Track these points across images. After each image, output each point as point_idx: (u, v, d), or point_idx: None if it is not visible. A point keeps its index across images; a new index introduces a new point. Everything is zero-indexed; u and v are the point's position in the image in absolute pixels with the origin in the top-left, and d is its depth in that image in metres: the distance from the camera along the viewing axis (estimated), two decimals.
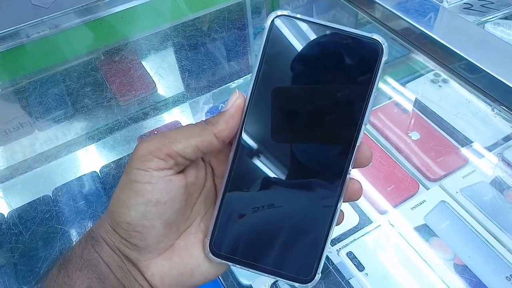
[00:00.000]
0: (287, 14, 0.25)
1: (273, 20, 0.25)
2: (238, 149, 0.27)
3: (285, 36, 0.26)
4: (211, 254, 0.27)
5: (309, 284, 0.27)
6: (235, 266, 0.27)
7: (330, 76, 0.26)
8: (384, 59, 0.25)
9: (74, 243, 0.28)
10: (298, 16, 0.25)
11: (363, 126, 0.26)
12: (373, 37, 0.25)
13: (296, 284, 0.27)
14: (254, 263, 0.27)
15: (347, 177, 0.26)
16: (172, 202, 0.26)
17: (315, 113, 0.26)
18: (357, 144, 0.26)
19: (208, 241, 0.27)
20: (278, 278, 0.27)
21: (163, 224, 0.26)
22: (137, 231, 0.26)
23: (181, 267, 0.27)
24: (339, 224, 0.28)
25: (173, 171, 0.26)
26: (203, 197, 0.29)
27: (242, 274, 0.46)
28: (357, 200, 0.28)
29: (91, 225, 0.51)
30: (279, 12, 0.25)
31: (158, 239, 0.26)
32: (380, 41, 0.25)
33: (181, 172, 0.27)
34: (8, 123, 0.67)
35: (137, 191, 0.25)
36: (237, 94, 0.27)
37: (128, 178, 0.26)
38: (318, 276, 0.27)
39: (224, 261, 0.27)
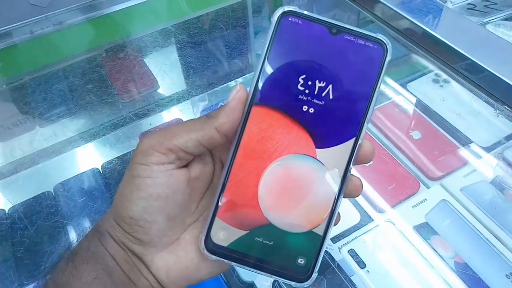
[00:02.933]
0: (294, 10, 0.25)
1: (280, 15, 0.25)
2: (239, 143, 0.26)
3: (291, 32, 0.26)
4: (205, 251, 0.26)
5: (305, 283, 0.26)
6: (231, 263, 0.26)
7: (334, 74, 0.26)
8: (388, 59, 0.25)
9: (81, 237, 0.28)
10: (305, 12, 0.25)
11: (365, 124, 0.26)
12: (378, 37, 0.25)
13: (293, 283, 0.26)
14: (250, 260, 0.26)
15: (348, 174, 0.26)
16: (174, 196, 0.26)
17: (318, 109, 0.26)
18: (358, 142, 0.26)
19: (204, 236, 0.26)
20: (274, 277, 0.26)
21: (165, 218, 0.26)
22: (139, 226, 0.26)
23: (187, 261, 0.27)
24: (336, 225, 0.27)
25: (174, 166, 0.26)
26: (210, 192, 0.29)
27: (245, 271, 0.46)
28: (357, 196, 0.28)
29: (92, 222, 0.52)
30: (286, 8, 0.25)
31: (161, 233, 0.27)
32: (385, 41, 0.25)
33: (184, 166, 0.27)
34: (9, 119, 0.67)
35: (138, 185, 0.26)
36: (238, 87, 0.26)
37: (130, 173, 0.26)
38: (315, 275, 0.26)
39: (220, 259, 0.26)
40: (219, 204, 0.26)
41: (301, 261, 0.26)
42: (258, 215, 0.26)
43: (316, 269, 0.26)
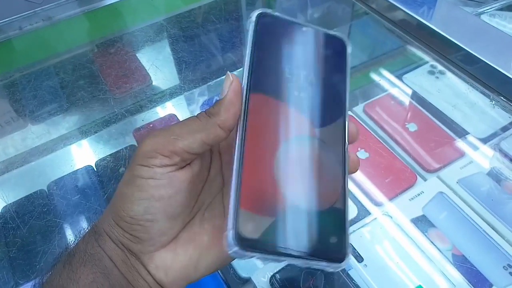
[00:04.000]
0: (268, 12, 0.28)
1: (257, 15, 0.28)
2: (245, 133, 0.25)
3: (271, 29, 0.28)
4: (237, 248, 0.23)
5: (343, 263, 0.25)
6: (265, 257, 0.24)
7: (314, 62, 0.29)
8: (349, 51, 0.30)
9: (78, 238, 0.28)
10: (278, 14, 0.29)
11: (347, 103, 0.29)
12: (337, 34, 0.30)
13: (332, 265, 0.24)
14: (283, 250, 0.24)
15: (347, 150, 0.28)
16: (176, 196, 0.26)
17: (309, 93, 0.28)
18: (347, 120, 0.28)
19: (232, 233, 0.23)
20: (310, 263, 0.24)
21: (166, 217, 0.26)
22: (140, 225, 0.25)
23: (185, 259, 0.27)
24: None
25: (177, 167, 0.26)
26: (208, 186, 0.29)
27: (242, 267, 0.46)
28: (355, 172, 0.28)
29: (86, 220, 0.51)
30: (261, 10, 0.28)
31: (161, 232, 0.26)
32: (343, 38, 0.30)
33: (187, 164, 0.26)
34: (1, 117, 0.66)
35: (140, 186, 0.25)
36: (231, 78, 0.26)
37: (131, 174, 0.25)
38: (349, 252, 0.25)
39: (254, 254, 0.23)
40: (240, 196, 0.24)
41: (333, 239, 0.25)
42: (281, 199, 0.25)
43: (348, 245, 0.25)
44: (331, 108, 0.28)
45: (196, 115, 0.27)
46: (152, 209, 0.25)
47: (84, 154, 0.61)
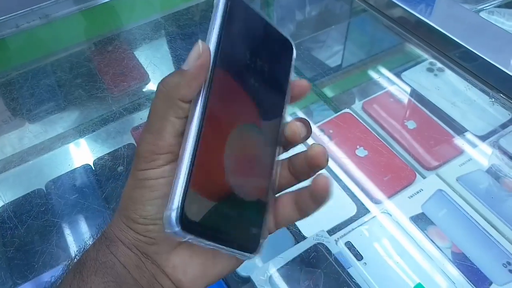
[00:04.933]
0: None
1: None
2: (205, 112, 0.24)
3: (237, 15, 0.27)
4: (179, 229, 0.22)
5: (254, 253, 0.26)
6: (201, 241, 0.23)
7: (267, 51, 0.29)
8: (294, 55, 0.31)
9: (88, 245, 0.27)
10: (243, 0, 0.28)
11: (286, 102, 0.30)
12: (285, 35, 0.31)
13: (246, 254, 0.26)
14: (217, 234, 0.24)
15: (279, 149, 0.29)
16: None
17: (259, 82, 0.28)
18: (284, 116, 0.29)
19: (175, 212, 0.22)
20: (229, 250, 0.25)
21: None
22: (154, 224, 0.25)
23: (202, 255, 0.26)
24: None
25: None
26: None
27: (241, 266, 0.46)
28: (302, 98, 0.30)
29: (84, 220, 0.51)
30: None
31: None
32: (290, 40, 0.31)
33: None
34: None
35: (151, 186, 0.25)
36: (201, 49, 0.24)
37: (137, 178, 0.25)
38: (262, 244, 0.26)
39: (194, 237, 0.23)
40: (190, 176, 0.23)
41: (252, 230, 0.26)
42: (225, 187, 0.25)
43: (262, 239, 0.26)
44: (274, 103, 0.29)
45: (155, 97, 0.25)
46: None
47: (82, 153, 0.61)
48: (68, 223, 0.52)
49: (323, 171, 0.27)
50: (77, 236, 0.50)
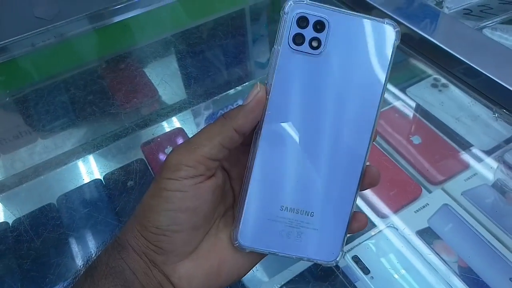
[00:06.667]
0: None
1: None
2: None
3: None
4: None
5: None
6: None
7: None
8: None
9: (100, 250, 0.28)
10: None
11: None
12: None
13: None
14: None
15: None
16: (201, 207, 0.27)
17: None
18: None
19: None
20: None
21: (190, 228, 0.27)
22: (165, 235, 0.26)
23: (207, 267, 0.28)
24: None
25: (204, 177, 0.27)
26: (223, 198, 0.30)
27: (249, 280, 0.46)
28: (376, 185, 0.30)
29: (97, 233, 0.52)
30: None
31: (185, 242, 0.27)
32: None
33: (212, 175, 0.28)
34: (10, 131, 0.67)
35: (167, 197, 0.26)
36: (259, 88, 0.27)
37: (158, 187, 0.26)
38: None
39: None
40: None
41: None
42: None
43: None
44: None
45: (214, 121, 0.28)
46: (178, 220, 0.26)
47: (93, 168, 0.62)
48: (78, 238, 0.52)
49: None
50: (89, 249, 0.51)
